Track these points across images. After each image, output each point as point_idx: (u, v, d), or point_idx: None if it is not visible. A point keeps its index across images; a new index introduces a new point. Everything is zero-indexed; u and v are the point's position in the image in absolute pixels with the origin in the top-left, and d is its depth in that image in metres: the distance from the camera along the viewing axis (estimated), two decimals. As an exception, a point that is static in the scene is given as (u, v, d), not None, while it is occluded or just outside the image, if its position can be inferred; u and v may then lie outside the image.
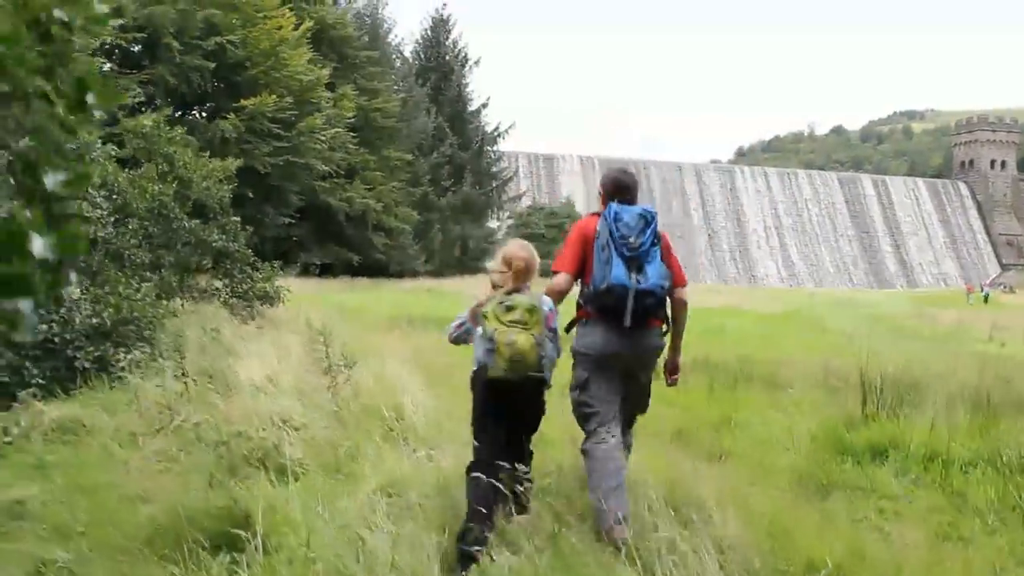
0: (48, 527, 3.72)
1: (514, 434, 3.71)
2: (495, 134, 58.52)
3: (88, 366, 6.65)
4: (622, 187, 4.13)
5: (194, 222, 11.15)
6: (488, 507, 3.39)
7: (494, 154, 59.78)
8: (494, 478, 3.42)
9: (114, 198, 9.61)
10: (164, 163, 11.79)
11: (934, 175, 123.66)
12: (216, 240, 11.39)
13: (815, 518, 4.05)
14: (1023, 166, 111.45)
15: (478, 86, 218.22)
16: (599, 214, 4.01)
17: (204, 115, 35.01)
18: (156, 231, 10.43)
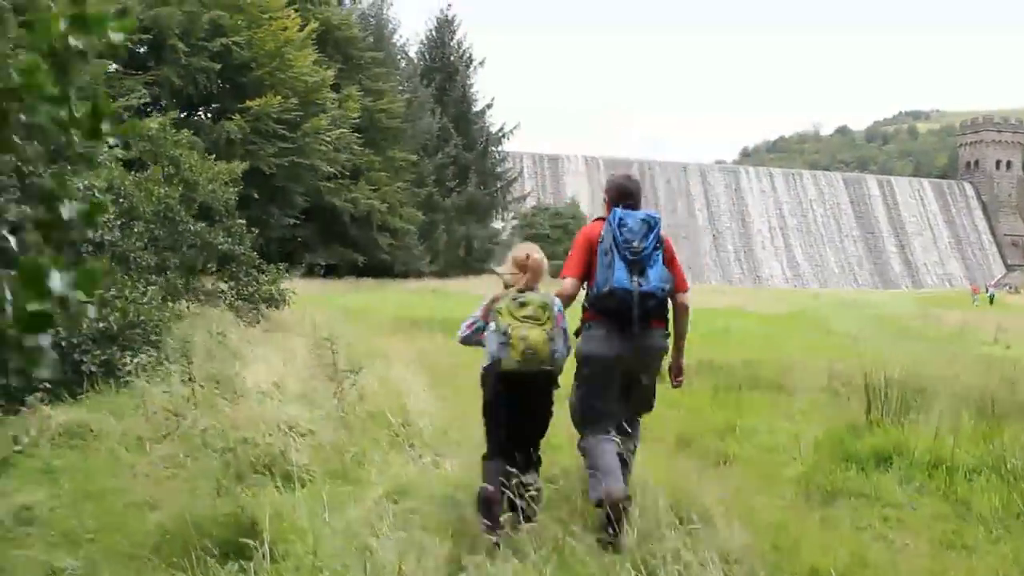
0: (57, 533, 3.74)
1: (523, 431, 3.79)
2: (500, 135, 58.50)
3: (95, 370, 6.67)
4: (626, 193, 4.23)
5: (200, 225, 11.17)
6: (505, 477, 3.56)
7: (499, 154, 59.77)
8: (508, 463, 3.61)
9: (120, 201, 9.62)
10: (170, 166, 11.83)
11: (939, 175, 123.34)
12: (222, 243, 11.41)
13: (819, 526, 4.06)
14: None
15: (483, 86, 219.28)
16: (604, 219, 4.11)
17: (209, 116, 35.09)
18: (162, 234, 10.45)
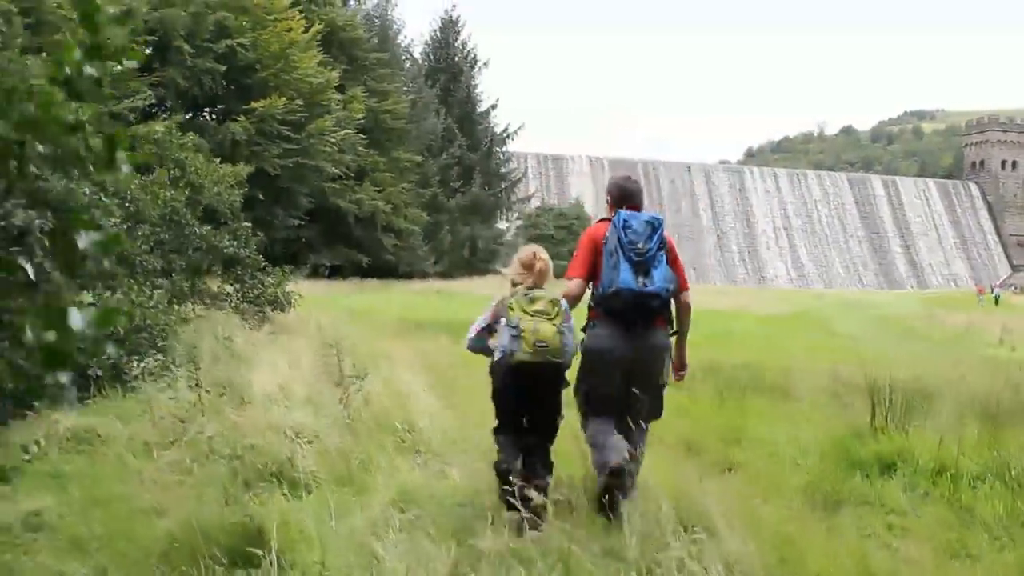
0: (65, 540, 3.76)
1: (531, 417, 3.87)
2: (504, 135, 58.51)
3: (102, 374, 6.69)
4: (627, 194, 4.30)
5: (205, 228, 11.19)
6: (517, 453, 3.78)
7: (503, 155, 59.78)
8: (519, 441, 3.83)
9: (126, 205, 9.66)
10: (176, 169, 11.85)
11: (944, 176, 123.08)
12: (227, 246, 11.42)
13: (824, 534, 4.07)
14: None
15: (487, 87, 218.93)
16: (608, 220, 4.18)
17: (215, 117, 35.20)
18: (168, 237, 10.48)
